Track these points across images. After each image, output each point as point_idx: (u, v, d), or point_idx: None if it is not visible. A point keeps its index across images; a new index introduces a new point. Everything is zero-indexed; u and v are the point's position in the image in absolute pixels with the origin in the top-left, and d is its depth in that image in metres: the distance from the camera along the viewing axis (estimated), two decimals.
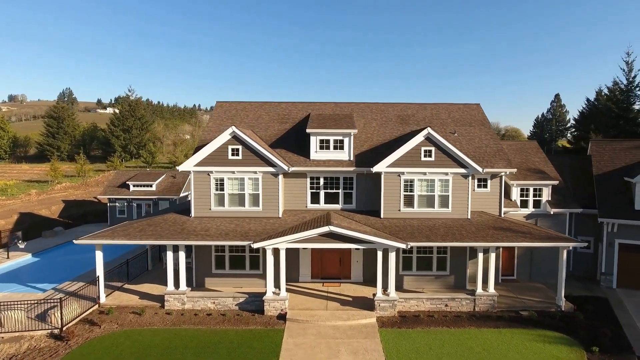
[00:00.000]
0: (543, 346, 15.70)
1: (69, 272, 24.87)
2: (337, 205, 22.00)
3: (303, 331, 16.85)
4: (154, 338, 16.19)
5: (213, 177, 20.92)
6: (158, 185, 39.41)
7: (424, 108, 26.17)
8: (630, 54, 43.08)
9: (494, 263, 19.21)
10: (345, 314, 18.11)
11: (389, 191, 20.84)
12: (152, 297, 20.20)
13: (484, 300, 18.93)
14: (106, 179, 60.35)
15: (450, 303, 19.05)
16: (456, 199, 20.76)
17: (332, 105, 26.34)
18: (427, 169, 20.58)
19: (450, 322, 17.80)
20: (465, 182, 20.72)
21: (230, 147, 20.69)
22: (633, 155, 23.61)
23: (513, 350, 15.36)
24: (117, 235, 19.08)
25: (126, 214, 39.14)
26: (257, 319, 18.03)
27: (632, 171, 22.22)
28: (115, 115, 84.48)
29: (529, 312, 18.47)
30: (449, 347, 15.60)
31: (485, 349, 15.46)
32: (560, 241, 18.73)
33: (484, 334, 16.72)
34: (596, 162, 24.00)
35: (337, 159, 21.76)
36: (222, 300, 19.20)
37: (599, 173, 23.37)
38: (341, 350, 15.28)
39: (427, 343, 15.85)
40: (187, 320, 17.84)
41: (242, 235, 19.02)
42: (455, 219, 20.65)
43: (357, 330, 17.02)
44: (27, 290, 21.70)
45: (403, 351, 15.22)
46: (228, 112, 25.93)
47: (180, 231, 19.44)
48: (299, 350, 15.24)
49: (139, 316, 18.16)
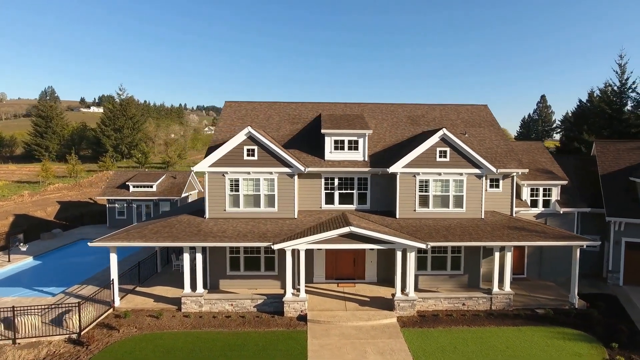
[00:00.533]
0: (564, 343, 16.01)
1: (75, 275, 24.40)
2: (352, 205, 22.04)
3: (326, 332, 16.84)
4: (176, 342, 15.98)
5: (228, 178, 20.74)
6: (158, 186, 38.88)
7: (433, 109, 26.40)
8: (623, 56, 44.19)
9: (510, 262, 19.51)
10: (365, 314, 18.16)
11: (405, 191, 20.97)
12: (167, 299, 19.93)
13: (500, 298, 19.20)
14: (100, 179, 59.29)
15: (467, 302, 19.27)
16: (470, 199, 21.01)
17: (342, 105, 26.37)
18: (442, 170, 20.77)
19: (469, 321, 18.01)
20: (479, 182, 20.98)
21: (245, 147, 20.54)
22: (636, 155, 24.23)
23: (535, 348, 15.62)
24: (132, 237, 18.77)
25: (125, 215, 38.53)
26: (277, 321, 17.95)
27: (637, 171, 22.81)
28: (106, 115, 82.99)
29: (545, 310, 18.81)
30: (472, 345, 15.79)
31: (509, 347, 15.69)
32: (574, 240, 19.11)
33: (504, 332, 16.97)
34: (601, 162, 24.55)
35: (351, 159, 21.80)
36: (240, 302, 19.06)
37: (604, 173, 23.91)
38: (367, 350, 15.33)
39: (451, 342, 16.01)
40: (206, 323, 17.66)
41: (260, 237, 18.90)
42: (469, 219, 20.89)
43: (379, 330, 17.09)
44: (35, 294, 21.18)
45: (429, 350, 15.35)
46: (237, 112, 25.73)
47: (196, 233, 19.22)
48: (326, 352, 15.23)
49: (156, 319, 17.90)
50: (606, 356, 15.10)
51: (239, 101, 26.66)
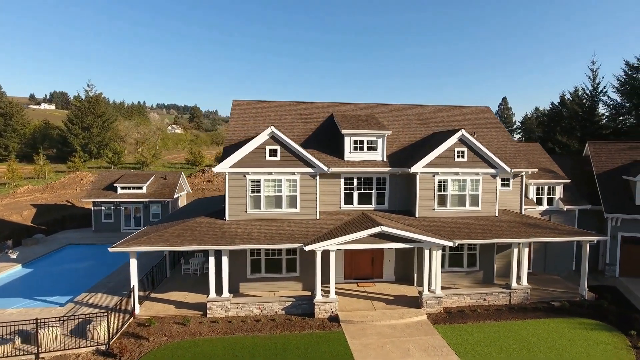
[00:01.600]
0: (587, 333, 16.94)
1: (75, 282, 23.12)
2: (370, 205, 22.22)
3: (362, 332, 16.90)
4: (214, 348, 15.50)
5: (249, 179, 20.33)
6: (148, 187, 37.37)
7: (440, 110, 27.08)
8: (595, 62, 47.14)
9: (526, 258, 20.38)
10: (396, 313, 18.38)
11: (424, 191, 21.40)
12: (189, 305, 19.27)
13: (518, 293, 20.02)
14: (74, 180, 56.20)
15: (488, 297, 19.95)
16: (485, 197, 21.76)
17: (352, 105, 26.49)
18: (460, 169, 21.37)
19: (494, 316, 18.66)
20: (493, 181, 21.76)
21: (268, 147, 20.23)
22: (627, 155, 25.99)
23: (564, 338, 16.43)
24: (154, 242, 17.98)
25: (113, 218, 36.76)
26: (309, 323, 17.81)
27: (631, 170, 24.50)
28: (73, 113, 78.48)
29: (560, 302, 19.81)
30: (505, 339, 16.38)
31: (540, 339, 16.41)
32: (585, 235, 20.23)
33: (530, 325, 17.72)
34: (595, 162, 26.12)
35: (371, 159, 21.96)
36: (267, 305, 18.75)
37: (600, 172, 25.47)
38: (410, 348, 15.54)
39: (485, 337, 16.54)
40: (237, 328, 17.23)
41: (288, 238, 18.67)
42: (484, 217, 21.63)
43: (413, 328, 17.36)
44: (39, 305, 19.80)
45: (468, 345, 15.77)
46: (247, 111, 25.24)
47: (221, 235, 18.71)
48: (370, 351, 15.30)
49: (183, 326, 17.26)
50: (628, 343, 16.12)
51: (247, 100, 26.15)
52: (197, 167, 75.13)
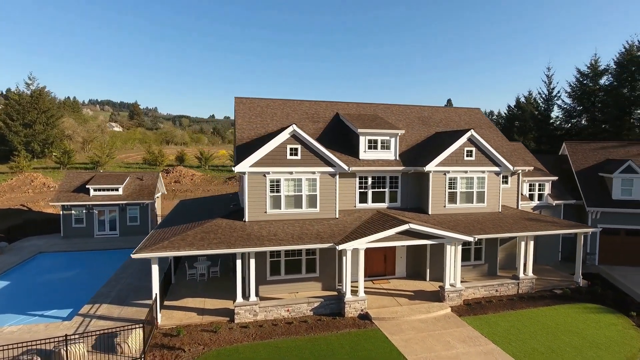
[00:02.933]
0: (595, 316, 18.55)
1: (69, 293, 21.32)
2: (384, 204, 22.58)
3: (398, 328, 17.19)
4: (257, 354, 14.99)
5: (269, 179, 19.83)
6: (125, 189, 34.97)
7: (437, 111, 28.12)
8: (550, 68, 51.42)
9: (532, 250, 21.82)
10: (422, 308, 18.88)
11: (436, 189, 22.15)
12: (211, 311, 18.42)
13: (525, 283, 21.40)
14: (23, 182, 51.05)
15: (499, 288, 21.12)
16: (490, 194, 22.99)
17: (354, 105, 26.70)
18: (468, 168, 22.39)
19: (509, 305, 19.80)
20: (497, 179, 23.06)
21: (289, 146, 19.85)
22: (600, 154, 28.70)
23: (579, 322, 17.86)
24: (179, 246, 16.96)
25: (85, 222, 33.96)
26: (341, 322, 17.76)
27: (605, 168, 27.09)
28: (12, 108, 71.00)
29: (562, 290, 21.46)
30: (529, 326, 17.47)
31: (558, 324, 17.69)
32: (581, 228, 22.07)
33: (544, 312, 19.04)
34: (573, 161, 28.56)
35: (384, 158, 22.33)
36: (296, 306, 18.43)
37: (578, 170, 27.89)
38: (449, 340, 16.07)
39: (511, 325, 17.52)
40: (271, 332, 16.78)
41: (316, 238, 18.49)
42: (490, 213, 22.85)
43: (443, 321, 17.95)
44: (38, 320, 17.87)
45: (500, 334, 16.62)
46: (252, 109, 24.55)
47: (247, 237, 18.10)
48: (414, 346, 15.62)
49: (214, 334, 16.48)
50: (632, 323, 17.89)
51: (250, 98, 25.42)
52: (157, 167, 71.32)
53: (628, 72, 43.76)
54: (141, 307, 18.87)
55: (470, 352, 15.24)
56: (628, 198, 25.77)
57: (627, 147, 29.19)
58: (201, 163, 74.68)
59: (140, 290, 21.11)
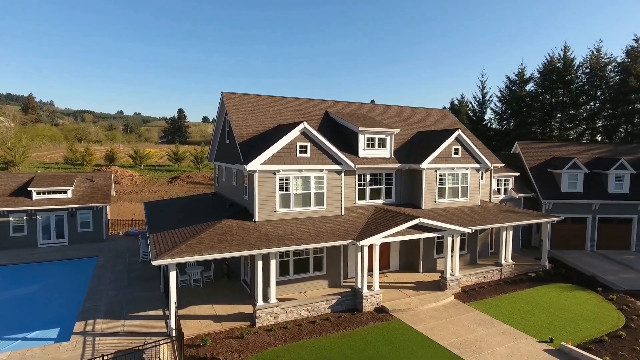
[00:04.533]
0: (571, 293, 21.19)
1: (41, 312, 18.71)
2: (380, 200, 23.28)
3: (416, 318, 17.96)
4: (300, 356, 14.65)
5: (279, 177, 19.36)
6: (75, 192, 31.22)
7: (413, 111, 29.59)
8: (484, 74, 56.96)
9: (511, 239, 24.11)
10: (430, 297, 19.91)
11: (428, 185, 23.42)
12: (226, 317, 17.48)
13: (507, 268, 23.64)
14: None
15: (487, 275, 23.05)
16: (472, 189, 24.93)
17: (340, 103, 27.02)
18: (455, 165, 24.04)
19: (499, 289, 21.71)
20: (477, 175, 25.07)
21: (298, 143, 19.56)
22: (547, 153, 32.60)
23: (561, 299, 20.27)
24: (199, 249, 15.82)
25: (26, 231, 29.63)
26: (362, 317, 18.03)
27: (552, 164, 30.89)
28: None
29: (535, 273, 24.07)
30: (525, 306, 19.40)
31: (547, 302, 19.91)
32: (548, 217, 24.94)
33: (530, 293, 21.24)
34: (526, 158, 32.06)
35: (381, 156, 23.03)
36: (315, 305, 18.29)
37: (531, 167, 31.39)
38: (468, 325, 17.24)
39: (511, 307, 19.30)
40: (298, 333, 16.46)
41: (332, 235, 18.53)
42: (472, 206, 24.78)
43: (452, 308, 19.14)
44: (23, 345, 15.35)
45: (505, 315, 18.23)
46: (243, 105, 23.62)
47: (265, 237, 17.52)
48: (440, 332, 16.48)
49: (241, 339, 15.71)
50: (602, 297, 20.76)
51: (238, 93, 24.39)
52: (85, 167, 64.45)
53: (549, 81, 50.10)
54: (146, 320, 17.22)
55: (491, 333, 16.53)
56: (573, 190, 29.69)
57: (568, 147, 33.59)
58: (136, 162, 69.15)
59: (132, 302, 19.21)
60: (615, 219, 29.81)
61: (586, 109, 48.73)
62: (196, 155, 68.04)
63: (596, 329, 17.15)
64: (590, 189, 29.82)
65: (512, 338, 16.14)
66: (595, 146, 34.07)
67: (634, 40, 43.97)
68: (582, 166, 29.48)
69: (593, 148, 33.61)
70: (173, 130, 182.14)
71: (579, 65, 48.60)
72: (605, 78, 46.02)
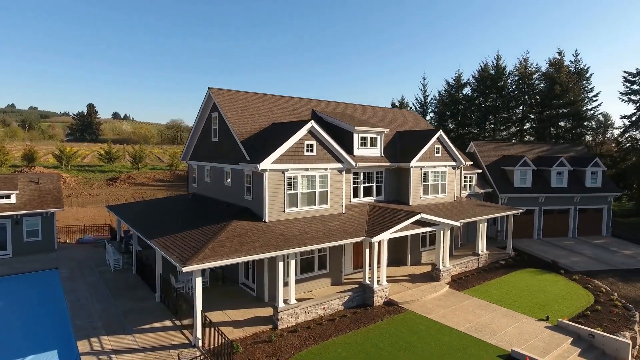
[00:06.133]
0: (542, 277, 23.85)
1: (21, 333, 16.32)
2: (371, 198, 24.01)
3: (424, 308, 18.96)
4: (339, 354, 14.73)
5: (287, 176, 19.10)
6: (19, 196, 27.36)
7: (388, 112, 30.84)
8: (425, 78, 60.92)
9: (485, 231, 26.34)
10: (429, 288, 21.08)
11: (415, 182, 24.69)
12: (245, 322, 16.86)
13: (483, 258, 25.83)
14: None
15: (468, 264, 24.96)
16: (449, 186, 26.78)
17: (323, 102, 27.21)
18: (437, 163, 25.63)
19: (481, 277, 23.64)
20: (454, 172, 27.00)
21: (306, 142, 19.47)
22: (498, 152, 36.05)
23: (536, 282, 22.74)
24: (225, 254, 15.04)
25: None
26: (375, 311, 18.54)
27: (504, 162, 34.30)
28: None
29: (505, 260, 26.64)
30: (511, 289, 21.46)
31: (526, 285, 22.21)
32: (514, 210, 27.68)
33: (508, 278, 23.48)
34: (481, 157, 35.14)
35: (373, 155, 23.74)
36: (330, 303, 18.39)
37: (487, 164, 34.49)
38: (472, 310, 18.65)
39: (500, 291, 21.20)
40: (323, 331, 16.44)
41: (345, 233, 18.80)
42: (450, 202, 26.63)
43: (452, 296, 20.50)
44: None
45: (498, 299, 19.99)
46: (234, 102, 22.74)
47: (283, 238, 17.23)
48: (453, 318, 17.62)
49: (271, 343, 15.33)
50: (567, 279, 23.69)
51: (227, 90, 23.40)
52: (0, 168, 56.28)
53: (484, 86, 55.20)
54: (158, 332, 15.92)
55: (496, 316, 18.09)
56: (524, 185, 33.27)
57: (514, 147, 37.49)
58: (62, 163, 61.96)
59: (130, 314, 17.57)
60: (556, 210, 34.01)
61: (516, 113, 54.58)
62: (134, 154, 62.64)
63: (576, 305, 19.62)
64: (536, 184, 33.65)
65: (514, 319, 17.83)
66: (536, 146, 38.49)
67: (557, 53, 50.36)
68: (531, 164, 33.19)
69: (534, 148, 37.94)
70: (82, 127, 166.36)
71: (509, 72, 54.29)
72: (532, 85, 51.98)
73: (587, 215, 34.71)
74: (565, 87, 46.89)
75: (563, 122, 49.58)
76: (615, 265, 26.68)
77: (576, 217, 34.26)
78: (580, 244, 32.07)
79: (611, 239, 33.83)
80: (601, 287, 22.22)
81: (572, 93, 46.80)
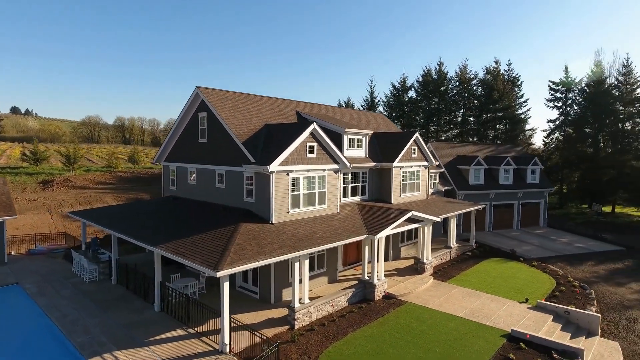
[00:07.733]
0: (507, 265, 26.64)
1: (22, 351, 14.76)
2: (357, 197, 24.98)
3: (420, 298, 20.35)
4: (364, 348, 15.40)
5: (291, 177, 19.31)
6: None
7: (361, 114, 32.10)
8: (372, 80, 63.64)
9: (455, 226, 28.65)
10: (418, 280, 22.59)
11: (396, 182, 26.13)
12: (260, 324, 16.85)
13: (454, 250, 28.11)
14: None
15: (443, 257, 27.02)
16: (422, 184, 28.70)
17: (303, 104, 27.56)
18: (413, 163, 27.36)
19: (457, 267, 25.76)
20: (426, 172, 28.98)
21: (308, 144, 19.81)
22: (452, 152, 39.13)
23: (504, 269, 25.39)
24: (253, 257, 14.93)
25: None
26: (378, 304, 19.50)
27: (459, 161, 37.41)
28: None
29: (471, 252, 29.23)
30: (486, 277, 23.75)
31: (497, 273, 24.71)
32: (477, 206, 30.40)
33: (480, 267, 25.89)
34: (439, 156, 37.89)
35: (359, 156, 24.70)
36: (336, 300, 18.96)
37: (445, 164, 37.31)
38: (461, 297, 20.46)
39: (478, 280, 23.37)
40: (338, 328, 16.99)
41: (349, 232, 19.49)
42: (423, 200, 28.57)
43: (440, 286, 22.19)
44: None
45: (478, 286, 22.08)
46: (224, 102, 22.24)
47: (296, 239, 17.47)
48: (449, 307, 19.16)
49: (295, 343, 15.56)
50: (529, 265, 26.71)
51: (216, 89, 22.78)
52: None
53: (427, 90, 59.18)
54: (175, 342, 15.29)
55: (484, 302, 20.03)
56: (478, 183, 36.58)
57: (466, 147, 40.93)
58: None
59: (134, 326, 16.56)
60: (503, 204, 37.87)
61: (457, 116, 59.30)
62: (68, 155, 56.51)
63: (544, 288, 22.36)
64: (487, 182, 37.18)
65: (501, 303, 19.91)
66: (484, 147, 42.41)
67: (494, 62, 55.71)
68: (483, 163, 36.60)
69: (483, 148, 41.79)
70: None
71: (451, 78, 58.84)
72: (471, 90, 56.88)
73: (528, 208, 39.15)
74: (501, 93, 52.12)
75: (500, 125, 55.02)
76: (559, 252, 30.61)
77: (519, 210, 38.48)
78: (525, 235, 36.13)
79: (548, 229, 38.55)
80: (557, 272, 25.49)
81: (507, 99, 52.18)
